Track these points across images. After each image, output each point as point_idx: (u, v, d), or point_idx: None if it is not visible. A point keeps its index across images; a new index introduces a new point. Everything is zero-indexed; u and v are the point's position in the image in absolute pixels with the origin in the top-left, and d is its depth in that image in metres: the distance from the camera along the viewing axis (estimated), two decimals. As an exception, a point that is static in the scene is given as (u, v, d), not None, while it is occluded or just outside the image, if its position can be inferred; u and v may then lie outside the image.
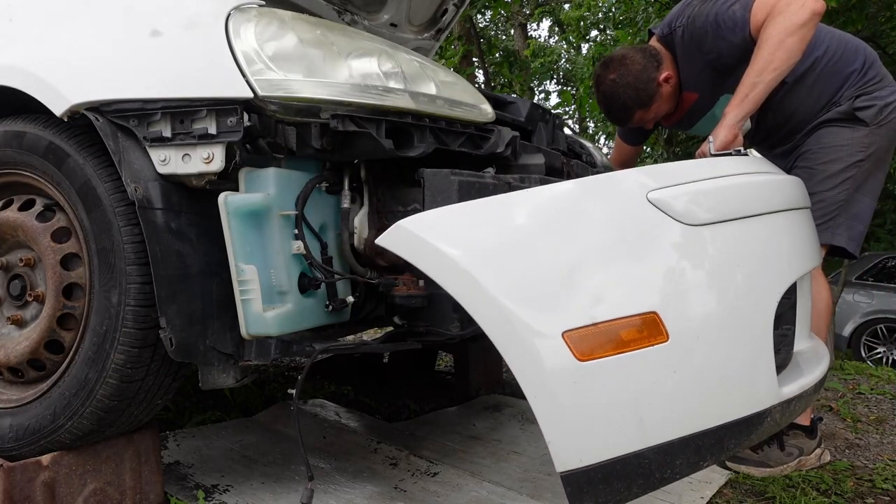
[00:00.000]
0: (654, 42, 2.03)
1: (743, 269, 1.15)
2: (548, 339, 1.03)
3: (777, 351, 1.19)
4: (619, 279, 1.09)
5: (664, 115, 2.08)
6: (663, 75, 1.93)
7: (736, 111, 1.70)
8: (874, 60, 1.93)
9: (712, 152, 1.62)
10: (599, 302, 1.06)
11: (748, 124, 1.86)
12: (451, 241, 1.08)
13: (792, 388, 1.23)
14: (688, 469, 1.10)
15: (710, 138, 1.68)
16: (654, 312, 1.06)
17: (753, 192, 1.24)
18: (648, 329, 1.06)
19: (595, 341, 1.04)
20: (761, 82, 1.69)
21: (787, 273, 1.24)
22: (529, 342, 1.04)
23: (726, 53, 1.83)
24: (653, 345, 1.06)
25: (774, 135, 2.03)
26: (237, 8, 1.23)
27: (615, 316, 1.05)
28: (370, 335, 3.07)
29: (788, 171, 1.96)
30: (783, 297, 1.21)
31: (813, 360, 1.40)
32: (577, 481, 1.04)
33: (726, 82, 1.91)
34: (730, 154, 1.53)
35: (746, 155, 1.44)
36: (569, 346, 1.03)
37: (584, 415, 1.04)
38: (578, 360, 1.03)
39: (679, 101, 2.04)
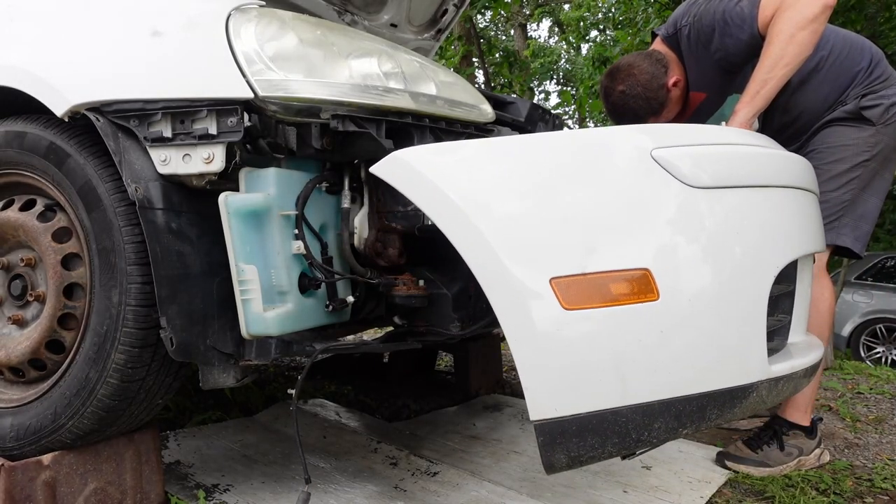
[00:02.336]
0: (658, 44, 2.02)
1: (742, 238, 1.13)
2: (534, 284, 1.02)
3: (770, 338, 1.18)
4: (615, 233, 1.07)
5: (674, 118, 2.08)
6: (672, 80, 1.92)
7: (747, 108, 1.68)
8: (880, 59, 1.91)
9: None
10: (592, 253, 1.04)
11: (756, 124, 1.85)
12: (448, 178, 1.07)
13: (782, 367, 1.21)
14: (665, 434, 1.08)
15: None
16: (647, 269, 1.05)
17: (760, 163, 1.22)
18: (639, 285, 1.04)
19: (583, 291, 1.03)
20: (772, 78, 1.67)
21: (786, 249, 1.21)
22: (515, 284, 1.02)
23: (734, 52, 1.81)
24: (642, 302, 1.04)
25: (781, 135, 2.02)
26: (237, 8, 1.23)
27: (606, 269, 1.04)
28: (370, 335, 3.08)
29: None
30: (782, 284, 1.20)
31: (805, 349, 1.39)
32: (551, 431, 1.03)
33: (734, 82, 1.90)
34: None
35: None
36: (555, 293, 1.02)
37: (564, 364, 1.02)
38: (564, 308, 1.01)
39: (687, 102, 2.03)
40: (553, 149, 1.12)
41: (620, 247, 1.06)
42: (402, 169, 1.09)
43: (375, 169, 1.11)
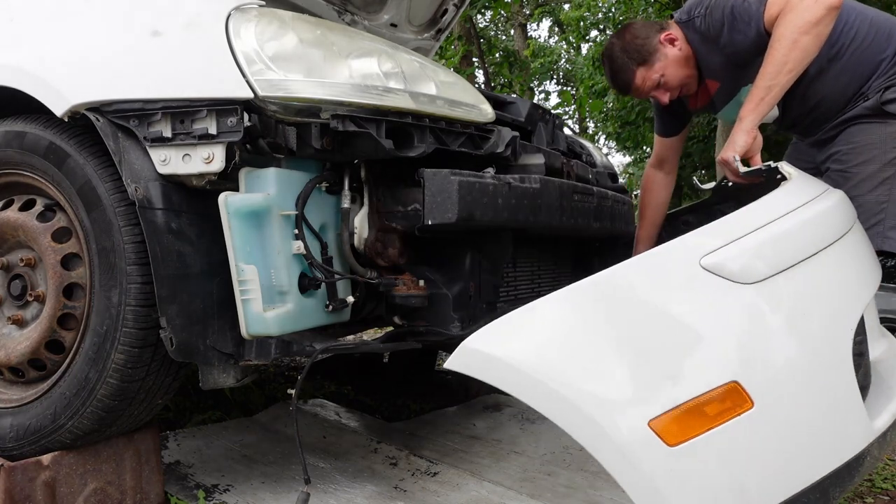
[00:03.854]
0: (673, 27, 1.97)
1: (812, 314, 1.12)
2: (635, 433, 1.00)
3: (856, 370, 1.15)
4: (692, 355, 1.05)
5: (690, 98, 2.02)
6: (665, 34, 1.88)
7: (752, 116, 1.65)
8: None
9: (741, 170, 1.58)
10: (677, 383, 1.03)
11: (775, 111, 1.80)
12: (523, 354, 1.05)
13: (884, 419, 1.19)
14: None
15: (730, 144, 1.64)
16: (735, 381, 1.03)
17: (805, 233, 1.19)
18: (732, 399, 1.03)
19: (681, 423, 1.01)
20: (776, 85, 1.64)
21: (854, 304, 1.20)
22: (619, 441, 1.01)
23: (742, 48, 1.78)
24: (739, 414, 1.03)
25: (801, 123, 1.98)
26: (237, 8, 1.23)
27: (696, 393, 1.02)
28: (370, 335, 3.07)
29: (823, 169, 1.91)
30: None
31: (891, 367, 1.35)
32: None
33: (746, 73, 1.85)
34: (759, 171, 1.49)
35: (776, 169, 1.39)
36: (657, 435, 1.00)
37: (686, 501, 1.01)
38: (669, 445, 1.00)
39: (703, 87, 2.00)
40: (605, 294, 1.10)
41: (702, 367, 1.05)
42: (475, 359, 1.08)
43: (450, 364, 1.09)
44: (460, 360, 1.09)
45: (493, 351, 1.07)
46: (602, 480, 1.74)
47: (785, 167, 1.37)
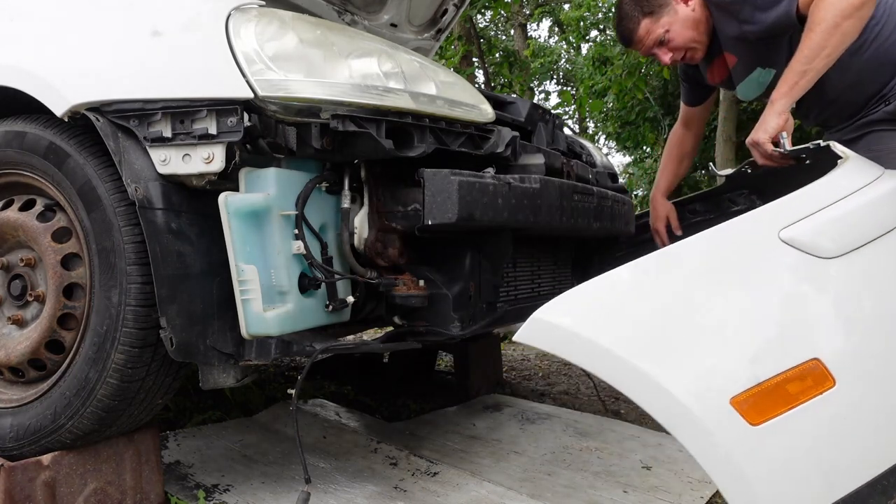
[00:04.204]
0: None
1: (893, 290, 1.09)
2: (717, 411, 0.98)
3: None
4: (773, 331, 1.04)
5: (709, 71, 1.98)
6: None
7: (784, 99, 1.60)
8: None
9: (787, 148, 1.54)
10: (757, 360, 1.01)
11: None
12: (596, 327, 1.03)
13: None
14: None
15: (762, 126, 1.61)
16: (816, 359, 1.01)
17: (882, 209, 1.16)
18: (813, 377, 1.01)
19: (763, 402, 0.99)
20: (812, 70, 1.58)
21: None
22: (699, 418, 0.98)
23: (761, 25, 1.72)
24: (821, 392, 1.01)
25: (816, 116, 1.95)
26: (237, 8, 1.23)
27: (777, 371, 1.00)
28: (370, 335, 3.07)
29: None
30: None
31: None
32: None
33: (761, 52, 1.81)
34: (807, 150, 1.44)
35: (826, 148, 1.34)
36: (739, 413, 0.99)
37: (769, 480, 0.99)
38: (752, 424, 0.99)
39: (720, 59, 1.96)
40: (681, 266, 1.08)
41: (782, 344, 1.03)
42: (545, 331, 1.04)
43: (519, 337, 1.06)
44: (529, 333, 1.05)
45: (563, 323, 1.03)
46: (602, 481, 1.74)
47: (837, 147, 1.33)
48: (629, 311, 1.05)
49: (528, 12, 12.73)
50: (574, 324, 1.04)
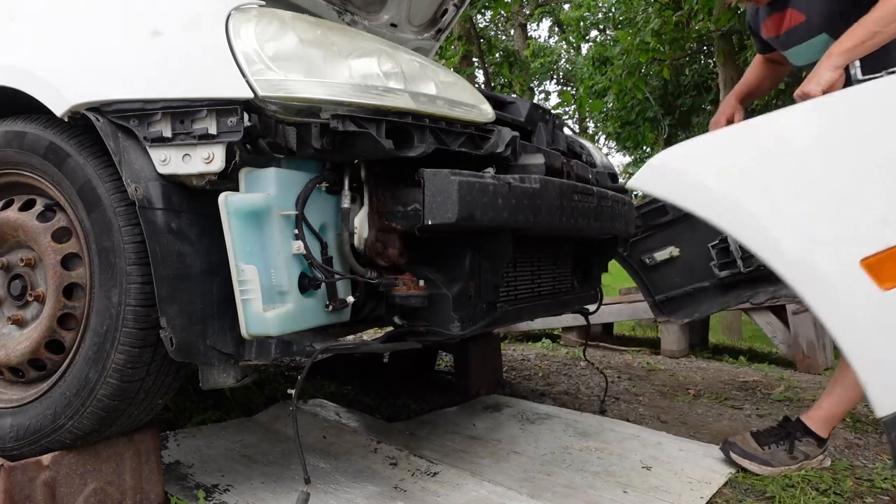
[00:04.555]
0: None
1: None
2: (847, 271, 0.95)
3: None
4: None
5: (764, 23, 1.91)
6: None
7: (844, 56, 1.52)
8: None
9: (860, 78, 1.47)
10: (888, 224, 0.96)
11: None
12: (718, 173, 0.99)
13: None
14: None
15: (814, 77, 1.53)
16: None
17: None
18: None
19: (895, 266, 0.95)
20: (882, 33, 1.49)
21: None
22: (828, 277, 0.95)
23: None
24: None
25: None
26: (237, 8, 1.23)
27: None
28: (370, 335, 3.07)
29: None
30: None
31: None
32: None
33: (836, 20, 1.70)
34: (881, 76, 1.40)
35: None
36: (869, 275, 0.95)
37: (892, 347, 0.95)
38: (882, 289, 0.95)
39: (782, 13, 1.87)
40: (815, 122, 1.03)
41: None
42: (666, 175, 1.01)
43: (635, 181, 1.03)
44: (646, 177, 1.03)
45: (686, 167, 1.00)
46: (602, 481, 1.74)
47: None
48: (757, 161, 1.01)
49: (528, 12, 12.73)
50: (696, 170, 1.00)
